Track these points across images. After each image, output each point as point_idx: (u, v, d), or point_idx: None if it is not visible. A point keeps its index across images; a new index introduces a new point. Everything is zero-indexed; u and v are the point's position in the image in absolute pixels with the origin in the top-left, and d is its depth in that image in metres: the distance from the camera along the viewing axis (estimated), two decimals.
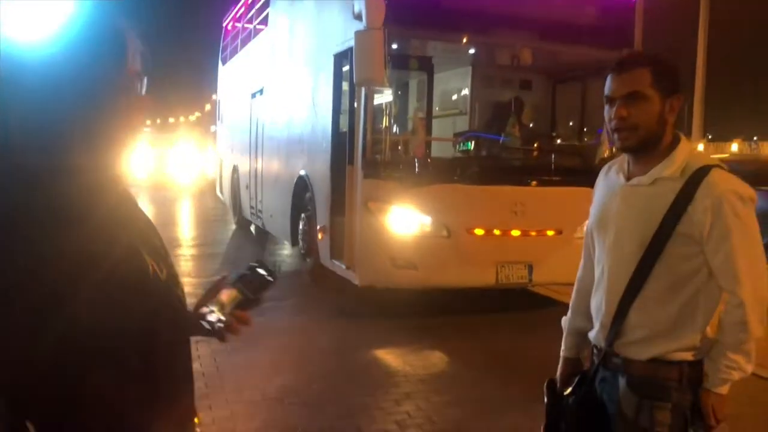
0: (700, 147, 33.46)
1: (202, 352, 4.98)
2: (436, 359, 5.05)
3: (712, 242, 1.75)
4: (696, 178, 1.76)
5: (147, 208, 15.27)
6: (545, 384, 2.14)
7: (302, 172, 7.55)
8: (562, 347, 2.18)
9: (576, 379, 2.04)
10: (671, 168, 1.80)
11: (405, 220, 5.76)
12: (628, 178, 1.91)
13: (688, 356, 1.81)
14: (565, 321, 2.18)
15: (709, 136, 43.80)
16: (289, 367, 4.72)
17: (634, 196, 1.86)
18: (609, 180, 2.00)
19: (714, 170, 1.77)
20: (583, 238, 2.14)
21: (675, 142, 1.85)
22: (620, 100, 1.80)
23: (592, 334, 1.99)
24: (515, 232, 5.90)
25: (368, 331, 5.65)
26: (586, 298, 2.06)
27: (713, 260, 1.76)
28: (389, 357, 5.13)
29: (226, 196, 12.93)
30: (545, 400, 2.12)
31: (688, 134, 39.21)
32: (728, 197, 1.74)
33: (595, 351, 1.98)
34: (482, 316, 6.24)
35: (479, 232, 5.84)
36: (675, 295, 1.80)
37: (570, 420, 2.01)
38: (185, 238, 10.92)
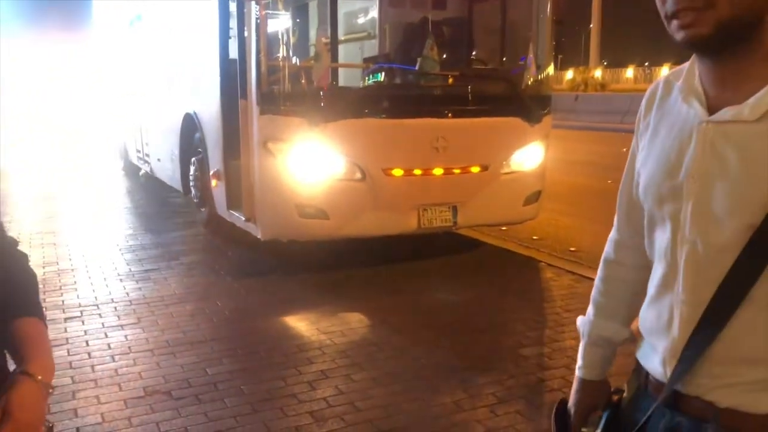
0: (598, 74, 34.17)
1: (71, 332, 4.10)
2: (355, 323, 4.36)
3: None
4: None
5: (24, 152, 13.67)
6: (554, 410, 1.41)
7: (189, 110, 6.54)
8: (579, 363, 1.42)
9: (603, 417, 1.32)
10: None
11: (311, 162, 4.95)
12: (710, 109, 1.08)
13: None
14: (583, 323, 1.42)
15: (605, 63, 44.83)
16: (180, 347, 3.91)
17: (729, 142, 1.05)
18: (671, 111, 1.16)
19: None
20: (617, 199, 1.35)
21: None
22: None
23: (646, 358, 1.22)
24: (437, 171, 5.21)
25: (275, 293, 4.88)
26: (621, 294, 1.35)
27: None
28: (301, 324, 4.41)
29: (111, 137, 11.61)
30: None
31: (586, 61, 39.93)
32: None
33: (650, 379, 1.20)
34: (403, 266, 5.60)
35: (398, 172, 5.11)
36: None
37: None
38: (67, 187, 9.65)
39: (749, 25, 1.01)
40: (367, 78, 6.03)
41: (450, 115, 5.31)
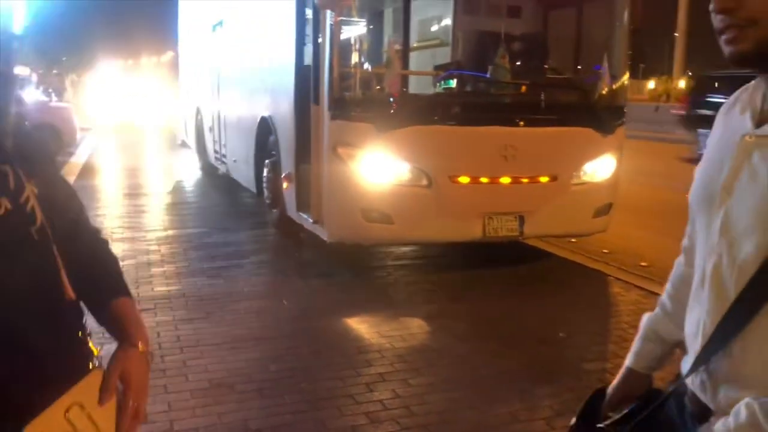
0: (682, 84, 32.78)
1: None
2: (415, 328, 4.39)
3: None
4: None
5: (111, 153, 14.38)
6: (591, 393, 1.45)
7: (265, 113, 6.74)
8: (631, 352, 1.43)
9: (633, 409, 1.35)
10: None
11: (379, 168, 5.01)
12: (759, 123, 1.08)
13: None
14: (646, 319, 1.43)
15: (689, 73, 43.05)
16: (245, 342, 4.04)
17: (765, 157, 1.04)
18: (729, 122, 1.17)
19: None
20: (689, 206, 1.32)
21: None
22: None
23: (684, 364, 1.23)
24: (505, 180, 5.18)
25: (339, 295, 4.97)
26: (683, 297, 1.31)
27: None
28: (362, 327, 4.46)
29: (190, 139, 12.05)
30: (575, 418, 1.45)
31: (670, 70, 38.48)
32: None
33: (689, 388, 1.20)
34: (468, 274, 5.58)
35: (464, 180, 5.11)
36: None
37: None
38: (148, 185, 10.10)
39: None
40: (437, 85, 6.05)
41: (520, 123, 5.28)
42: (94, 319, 1.31)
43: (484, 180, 5.15)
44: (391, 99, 5.12)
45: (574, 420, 1.47)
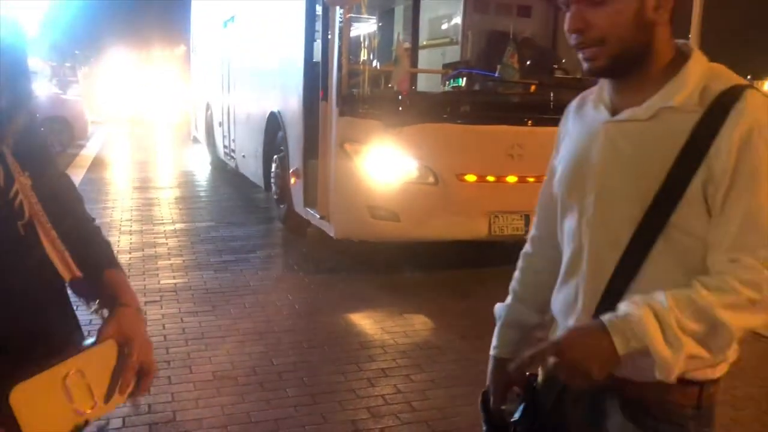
0: None
1: (150, 316, 4.33)
2: (419, 325, 4.41)
3: (724, 189, 1.16)
4: (722, 105, 1.17)
5: (121, 146, 14.46)
6: (480, 399, 1.56)
7: (274, 109, 6.77)
8: (494, 344, 1.58)
9: (521, 397, 1.46)
10: (682, 93, 1.21)
11: (386, 165, 5.03)
12: (614, 114, 1.29)
13: (711, 372, 1.25)
14: (499, 308, 1.59)
15: None
16: (250, 335, 4.08)
17: (626, 137, 1.26)
18: (583, 117, 1.38)
19: (748, 92, 1.18)
20: (538, 200, 1.53)
21: (680, 58, 1.26)
22: (574, 3, 1.23)
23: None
24: (511, 178, 5.19)
25: (344, 291, 4.99)
26: (535, 283, 1.52)
27: (720, 214, 1.17)
28: (366, 322, 4.49)
29: (200, 134, 12.11)
30: (483, 426, 1.54)
31: None
32: (763, 130, 1.15)
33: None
34: (473, 272, 5.59)
35: (471, 178, 5.12)
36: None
37: None
38: (158, 179, 10.16)
39: (638, 52, 1.23)
40: (446, 83, 6.06)
41: (528, 122, 5.28)
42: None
43: (490, 178, 5.16)
44: (400, 96, 5.14)
45: (484, 429, 1.54)
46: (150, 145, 15.25)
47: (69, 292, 1.32)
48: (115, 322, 1.28)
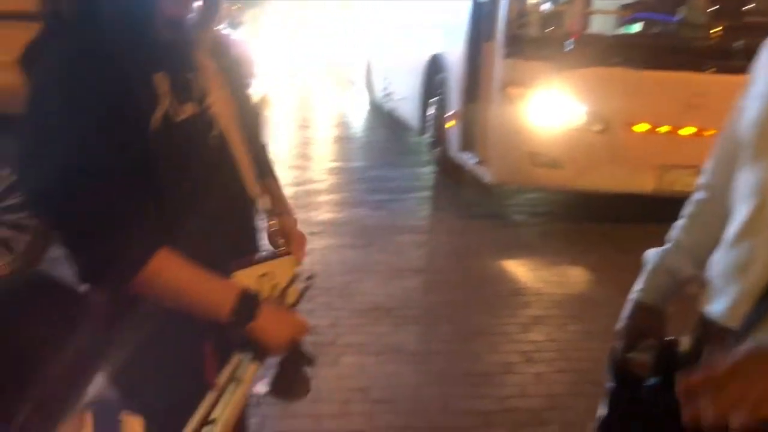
0: None
1: (312, 246, 4.52)
2: (575, 276, 4.29)
3: None
4: None
5: (285, 87, 15.09)
6: (610, 350, 1.41)
7: (436, 51, 6.71)
8: (637, 286, 1.42)
9: (653, 352, 1.30)
10: None
11: (551, 110, 4.85)
12: None
13: None
14: (652, 253, 1.43)
15: None
16: (404, 271, 4.17)
17: None
18: None
19: None
20: (716, 144, 1.36)
21: None
22: None
23: (712, 304, 1.19)
24: (687, 130, 4.82)
25: (497, 236, 4.94)
26: (702, 234, 1.33)
27: None
28: (520, 270, 4.43)
29: (359, 77, 12.32)
30: (609, 378, 1.40)
31: None
32: None
33: (713, 327, 1.17)
34: (635, 227, 5.30)
35: (642, 127, 4.82)
36: None
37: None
38: (317, 119, 10.53)
39: None
40: (622, 25, 5.69)
41: (711, 69, 4.85)
42: None
43: (664, 129, 4.83)
44: (571, 38, 4.89)
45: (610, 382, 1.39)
46: (310, 86, 15.77)
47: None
48: (288, 225, 1.49)
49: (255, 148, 1.44)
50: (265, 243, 1.47)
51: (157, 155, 1.16)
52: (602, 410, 1.34)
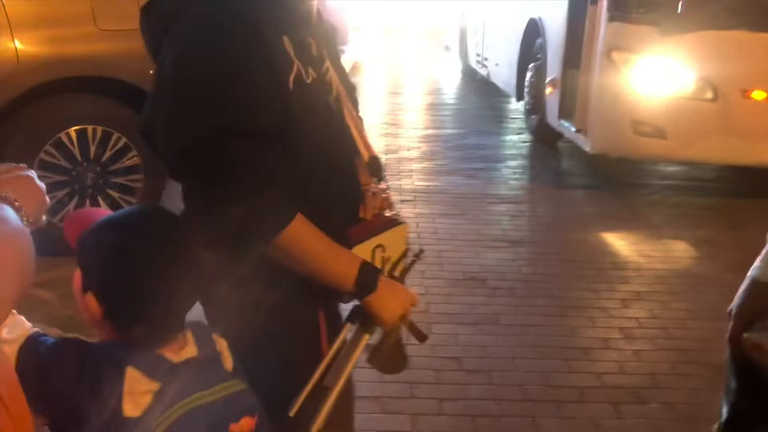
0: None
1: (405, 214, 4.54)
2: (679, 252, 4.11)
3: None
4: None
5: (378, 53, 15.08)
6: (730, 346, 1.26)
7: (534, 15, 6.49)
8: (757, 263, 1.34)
9: None
10: None
11: (657, 76, 4.61)
12: None
13: None
14: None
15: None
16: (499, 242, 4.11)
17: None
18: None
19: None
20: None
21: None
22: None
23: None
24: None
25: (596, 208, 4.79)
26: None
27: None
28: (619, 243, 4.28)
29: (453, 42, 12.13)
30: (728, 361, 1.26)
31: None
32: None
33: None
34: (744, 202, 5.02)
35: (759, 95, 4.51)
36: None
37: None
38: (410, 86, 10.47)
39: None
40: None
41: None
42: None
43: None
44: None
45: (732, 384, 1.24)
46: (403, 52, 15.67)
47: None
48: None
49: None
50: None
51: (293, 116, 1.16)
52: (724, 413, 1.25)
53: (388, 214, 1.45)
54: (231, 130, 1.10)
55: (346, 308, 1.33)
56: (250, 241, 1.16)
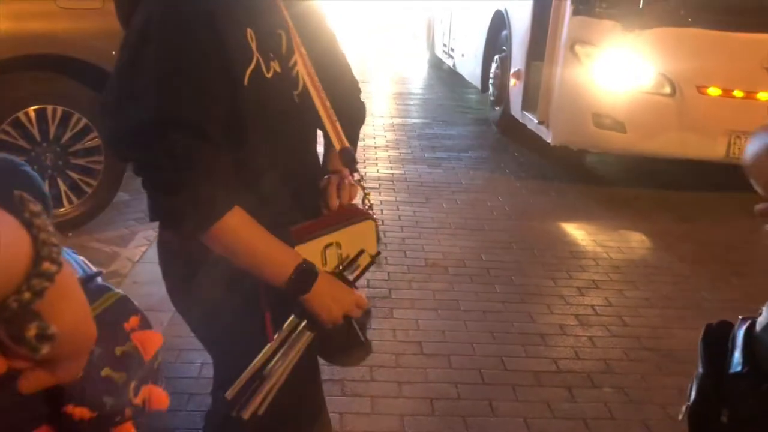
0: None
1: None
2: (635, 242, 4.22)
3: None
4: None
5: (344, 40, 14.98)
6: (702, 332, 1.20)
7: (501, 7, 6.56)
8: None
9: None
10: None
11: (618, 70, 4.71)
12: None
13: None
14: None
15: None
16: (460, 231, 4.17)
17: None
18: None
19: None
20: None
21: None
22: None
23: None
24: (763, 96, 4.62)
25: (556, 199, 4.89)
26: None
27: None
28: (577, 233, 4.37)
29: (419, 32, 12.16)
30: (700, 365, 1.20)
31: None
32: None
33: None
34: (697, 195, 5.17)
35: (714, 92, 4.64)
36: None
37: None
38: (377, 74, 10.47)
39: None
40: None
41: None
42: None
43: (738, 94, 4.63)
44: None
45: (700, 370, 1.20)
46: (370, 41, 15.65)
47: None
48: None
49: (341, 99, 1.41)
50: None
51: (245, 111, 1.18)
52: (691, 395, 1.22)
53: (360, 206, 1.42)
54: (174, 121, 1.12)
55: None
56: (182, 229, 1.19)
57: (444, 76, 10.08)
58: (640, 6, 4.64)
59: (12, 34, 3.40)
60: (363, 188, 1.46)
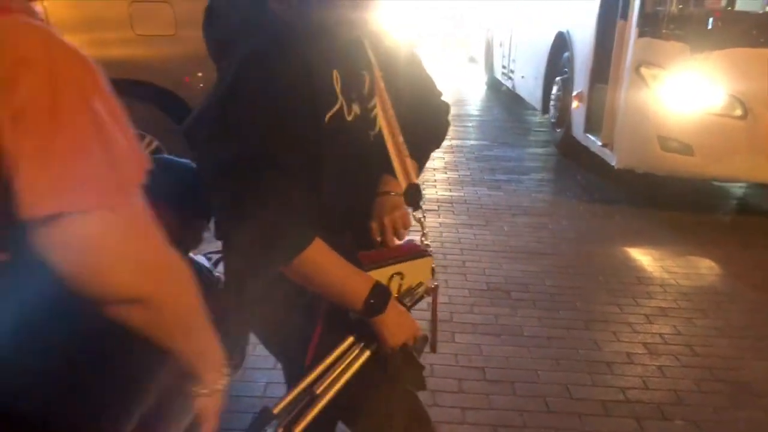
0: None
1: (428, 223, 4.55)
2: (704, 268, 4.08)
3: None
4: None
5: None
6: None
7: (563, 29, 6.51)
8: None
9: None
10: None
11: (686, 93, 4.60)
12: None
13: None
14: None
15: None
16: (522, 254, 4.12)
17: None
18: None
19: None
20: None
21: None
22: None
23: None
24: None
25: (621, 223, 4.78)
26: None
27: None
28: (644, 258, 4.26)
29: (478, 54, 12.16)
30: None
31: None
32: None
33: None
34: (764, 220, 4.98)
35: None
36: None
37: None
38: None
39: None
40: None
41: None
42: None
43: None
44: (712, 16, 4.60)
45: None
46: (428, 62, 15.73)
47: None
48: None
49: (425, 121, 1.50)
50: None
51: (325, 151, 1.23)
52: None
53: (419, 244, 1.49)
54: (262, 160, 1.17)
55: None
56: (268, 263, 1.24)
57: (502, 97, 10.04)
58: (709, 27, 4.54)
59: (95, 61, 3.55)
60: (423, 227, 1.49)
